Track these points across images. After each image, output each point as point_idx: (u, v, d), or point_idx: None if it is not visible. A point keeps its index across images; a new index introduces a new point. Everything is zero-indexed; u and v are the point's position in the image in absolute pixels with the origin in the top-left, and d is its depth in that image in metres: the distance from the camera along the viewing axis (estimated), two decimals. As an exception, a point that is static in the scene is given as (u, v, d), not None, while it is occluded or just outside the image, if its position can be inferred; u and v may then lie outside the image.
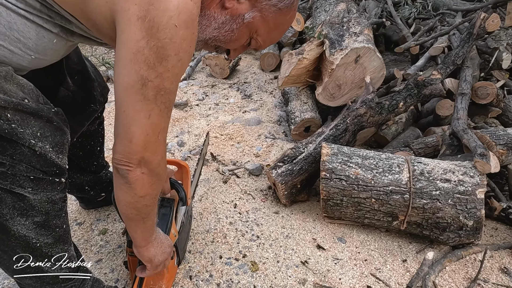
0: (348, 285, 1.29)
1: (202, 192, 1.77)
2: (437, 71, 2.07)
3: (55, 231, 0.91)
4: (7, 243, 0.86)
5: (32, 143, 0.78)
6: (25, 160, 0.78)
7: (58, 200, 0.88)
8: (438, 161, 1.47)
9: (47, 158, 0.81)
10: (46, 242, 0.90)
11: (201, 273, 1.32)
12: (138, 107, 0.75)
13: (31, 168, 0.79)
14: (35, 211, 0.84)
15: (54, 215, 0.89)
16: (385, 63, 3.28)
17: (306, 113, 2.15)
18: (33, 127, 0.78)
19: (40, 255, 0.91)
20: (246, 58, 3.60)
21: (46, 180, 0.83)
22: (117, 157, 0.80)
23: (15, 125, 0.75)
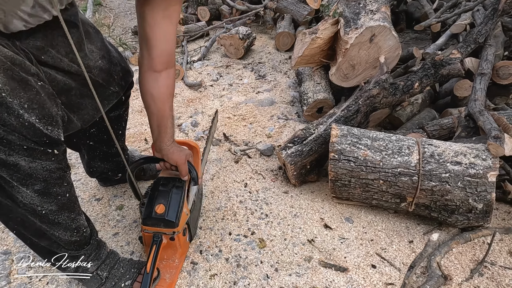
0: (353, 264, 1.32)
1: (214, 171, 1.82)
2: (457, 50, 1.99)
3: (57, 198, 0.97)
4: (18, 210, 0.95)
5: (20, 113, 0.82)
6: (16, 129, 0.82)
7: (55, 169, 0.93)
8: (450, 144, 1.44)
9: (35, 129, 0.85)
10: (50, 209, 0.97)
11: (211, 248, 1.38)
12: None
13: (22, 137, 0.84)
14: (33, 179, 0.90)
15: (54, 183, 0.95)
16: (405, 42, 3.19)
17: (319, 94, 2.14)
18: (21, 98, 0.82)
19: (49, 222, 0.99)
20: (261, 38, 3.56)
21: (39, 150, 0.88)
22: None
23: (5, 94, 0.80)
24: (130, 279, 1.17)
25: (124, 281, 1.17)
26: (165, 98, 1.14)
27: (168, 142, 1.20)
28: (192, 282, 1.25)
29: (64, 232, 1.04)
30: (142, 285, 1.10)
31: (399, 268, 1.31)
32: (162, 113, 1.15)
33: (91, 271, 1.14)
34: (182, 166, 1.22)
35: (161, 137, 1.19)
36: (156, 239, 1.18)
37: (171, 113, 1.19)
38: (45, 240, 1.05)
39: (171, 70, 1.13)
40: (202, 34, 3.62)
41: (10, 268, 1.28)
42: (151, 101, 1.13)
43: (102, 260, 1.17)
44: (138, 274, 1.20)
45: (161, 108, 1.14)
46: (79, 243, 1.09)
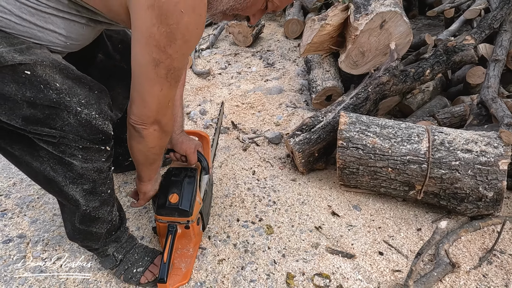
0: (360, 251, 1.33)
1: (222, 159, 1.83)
2: (471, 36, 1.94)
3: (100, 196, 1.01)
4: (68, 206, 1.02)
5: (78, 110, 0.84)
6: (72, 130, 0.84)
7: (105, 169, 0.97)
8: (461, 131, 1.42)
9: (92, 125, 0.87)
10: (94, 206, 1.02)
11: (219, 234, 1.40)
12: (152, 82, 0.85)
13: (78, 138, 0.86)
14: (83, 179, 0.94)
15: (101, 183, 0.99)
16: (418, 28, 3.12)
17: (328, 82, 2.12)
18: (79, 95, 0.84)
19: (89, 219, 1.04)
20: (270, 25, 3.52)
21: (93, 148, 0.91)
22: (133, 118, 0.91)
23: (63, 94, 0.82)
24: (142, 267, 1.20)
25: (136, 267, 1.19)
26: None
27: (177, 131, 1.21)
28: (201, 266, 1.27)
29: (100, 226, 1.08)
30: (160, 274, 1.12)
31: (406, 255, 1.31)
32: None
33: (109, 252, 1.18)
34: (191, 155, 1.23)
35: None
36: (171, 229, 1.20)
37: (181, 102, 1.20)
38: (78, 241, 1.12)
39: None
40: (210, 22, 3.60)
41: (25, 251, 1.33)
42: None
43: (121, 243, 1.20)
44: (151, 263, 1.22)
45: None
46: (110, 231, 1.14)
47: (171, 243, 1.17)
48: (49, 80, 0.80)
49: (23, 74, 0.77)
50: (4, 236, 1.38)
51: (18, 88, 0.77)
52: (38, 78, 0.78)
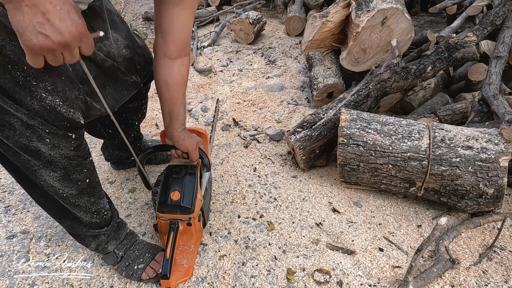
0: (360, 247, 1.34)
1: (224, 156, 1.84)
2: (473, 33, 1.93)
3: (77, 184, 1.00)
4: (42, 191, 1.00)
5: (43, 96, 0.82)
6: (38, 114, 0.83)
7: (74, 157, 0.95)
8: (462, 128, 1.42)
9: (57, 112, 0.85)
10: (71, 193, 1.00)
11: (220, 230, 1.41)
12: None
13: (44, 122, 0.85)
14: (53, 166, 0.93)
15: (73, 170, 0.97)
16: (420, 25, 3.11)
17: (329, 79, 2.12)
18: (46, 81, 0.82)
19: (70, 204, 1.04)
20: (271, 22, 3.52)
21: (60, 134, 0.89)
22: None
23: (29, 78, 0.80)
24: (143, 263, 1.20)
25: (137, 264, 1.20)
26: (179, 86, 1.15)
27: (179, 129, 1.22)
28: (202, 262, 1.28)
29: (84, 214, 1.08)
30: (163, 271, 1.13)
31: (406, 251, 1.31)
32: (175, 101, 1.16)
33: (110, 250, 1.19)
34: (192, 152, 1.23)
35: (173, 124, 1.20)
36: (173, 226, 1.20)
37: (183, 100, 1.20)
38: (67, 220, 1.10)
39: (185, 58, 1.13)
40: (212, 19, 3.60)
41: (28, 247, 1.34)
42: (165, 88, 1.14)
43: (120, 240, 1.21)
44: (152, 259, 1.22)
45: (174, 95, 1.15)
46: (99, 224, 1.13)
47: (173, 240, 1.18)
48: (17, 61, 0.78)
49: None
50: (7, 232, 1.40)
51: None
52: (6, 58, 0.77)
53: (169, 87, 1.13)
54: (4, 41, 0.76)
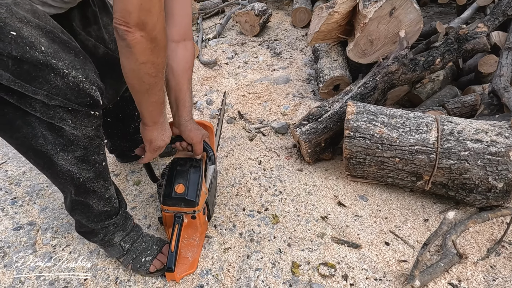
0: (366, 241, 1.33)
1: (229, 148, 1.83)
2: (483, 23, 1.89)
3: (94, 166, 1.00)
4: (57, 178, 0.98)
5: (65, 72, 0.82)
6: (60, 93, 0.83)
7: (94, 137, 0.96)
8: (471, 121, 1.39)
9: (80, 88, 0.86)
10: (88, 177, 1.00)
11: (225, 223, 1.41)
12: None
13: (66, 101, 0.85)
14: (74, 145, 0.93)
15: (93, 151, 0.97)
16: (429, 16, 3.06)
17: (336, 71, 2.09)
18: (65, 59, 0.83)
19: (84, 191, 1.03)
20: (277, 14, 3.48)
21: (82, 112, 0.89)
22: (116, 17, 0.80)
23: (49, 57, 0.80)
24: (151, 256, 1.20)
25: (145, 256, 1.20)
26: (184, 71, 1.13)
27: (186, 117, 1.19)
28: (207, 254, 1.28)
29: (97, 202, 1.07)
30: (168, 263, 1.13)
31: (413, 245, 1.30)
32: (180, 86, 1.13)
33: (116, 241, 1.18)
34: (197, 144, 1.22)
35: (180, 111, 1.18)
36: (177, 219, 1.20)
37: (189, 87, 1.17)
38: (76, 214, 1.10)
39: (189, 42, 1.11)
40: (217, 11, 3.57)
41: (35, 238, 1.35)
42: (170, 74, 1.12)
43: (127, 232, 1.20)
44: (159, 251, 1.22)
45: (180, 81, 1.13)
46: (109, 213, 1.12)
47: (178, 232, 1.18)
48: (35, 42, 0.79)
49: (9, 34, 0.75)
50: (14, 223, 1.41)
51: (4, 46, 0.75)
52: (24, 40, 0.77)
53: (174, 72, 1.11)
54: (22, 22, 0.77)
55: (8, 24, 0.75)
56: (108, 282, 1.19)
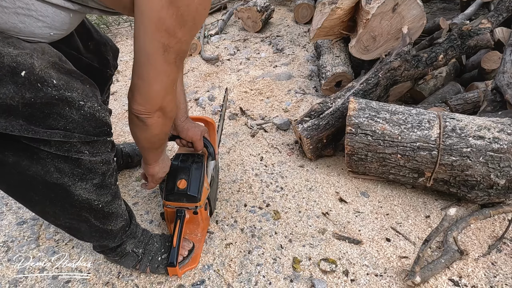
0: (367, 237, 1.33)
1: (230, 145, 1.84)
2: (487, 20, 1.88)
3: (111, 188, 0.98)
4: (72, 210, 0.93)
5: (81, 104, 0.79)
6: (77, 127, 0.80)
7: (111, 160, 0.95)
8: (474, 118, 1.39)
9: (97, 118, 0.83)
10: (106, 201, 0.97)
11: (227, 219, 1.42)
12: (160, 69, 0.82)
13: (84, 135, 0.82)
14: (92, 174, 0.89)
15: (109, 174, 0.95)
16: (432, 12, 3.03)
17: (338, 67, 2.08)
18: (77, 90, 0.79)
19: (103, 216, 1.00)
20: (279, 10, 3.47)
21: (100, 141, 0.87)
22: (138, 108, 0.86)
23: (62, 90, 0.76)
24: (166, 253, 1.19)
25: (160, 254, 1.19)
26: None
27: (182, 118, 1.20)
28: (209, 250, 1.29)
29: (115, 221, 1.04)
30: (170, 258, 1.14)
31: (414, 242, 1.30)
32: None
33: (128, 250, 1.15)
34: (197, 142, 1.22)
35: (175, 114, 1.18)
36: (179, 214, 1.20)
37: (182, 87, 1.17)
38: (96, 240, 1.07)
39: None
40: (219, 7, 3.56)
41: (38, 233, 1.36)
42: None
43: (138, 238, 1.18)
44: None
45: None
46: (124, 226, 1.10)
47: (180, 228, 1.18)
48: (46, 77, 0.74)
49: (21, 73, 0.70)
50: (18, 218, 1.42)
51: (17, 89, 0.70)
52: (35, 77, 0.72)
53: None
54: (32, 58, 0.72)
55: (20, 64, 0.70)
56: (111, 276, 1.20)
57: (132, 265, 1.18)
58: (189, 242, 1.23)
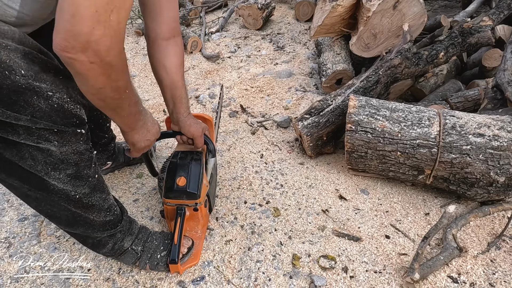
0: (366, 234, 1.33)
1: (231, 142, 1.84)
2: (488, 17, 1.87)
3: (88, 180, 0.96)
4: (51, 198, 0.93)
5: (49, 94, 0.79)
6: (44, 116, 0.79)
7: (84, 151, 0.92)
8: (474, 115, 1.39)
9: (65, 109, 0.82)
10: (84, 192, 0.96)
11: (227, 216, 1.42)
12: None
13: (51, 124, 0.81)
14: (65, 164, 0.89)
15: (84, 165, 0.93)
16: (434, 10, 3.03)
17: (338, 65, 2.08)
18: (46, 81, 0.79)
19: (83, 206, 0.99)
20: (280, 8, 3.46)
21: (69, 132, 0.86)
22: (57, 40, 0.66)
23: (31, 80, 0.76)
24: (165, 250, 1.19)
25: (159, 252, 1.19)
26: (178, 68, 1.12)
27: (185, 114, 1.19)
28: (209, 246, 1.30)
29: (98, 214, 1.03)
30: (171, 255, 1.14)
31: (413, 239, 1.31)
32: (176, 84, 1.13)
33: (127, 247, 1.15)
34: (198, 138, 1.22)
35: (177, 108, 1.18)
36: (179, 211, 1.21)
37: (184, 82, 1.17)
38: (79, 227, 1.05)
39: (178, 38, 1.10)
40: (220, 4, 3.55)
41: (39, 229, 1.37)
42: (164, 72, 1.11)
43: (135, 235, 1.18)
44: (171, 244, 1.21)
45: (175, 78, 1.12)
46: (113, 222, 1.09)
47: (180, 225, 1.19)
48: (14, 66, 0.73)
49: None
50: (19, 215, 1.43)
51: None
52: (2, 64, 0.72)
53: (168, 70, 1.10)
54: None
55: None
56: (111, 272, 1.21)
57: (132, 262, 1.19)
58: (188, 239, 1.24)
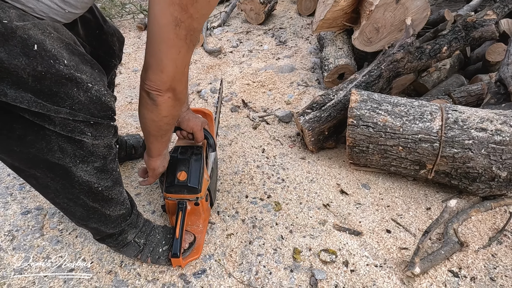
0: (367, 228, 1.33)
1: (232, 137, 1.84)
2: (493, 11, 1.85)
3: (112, 174, 0.99)
4: (72, 190, 0.94)
5: (89, 86, 0.82)
6: (83, 108, 0.82)
7: (113, 146, 0.96)
8: (476, 110, 1.38)
9: (102, 102, 0.85)
10: (106, 186, 0.98)
11: (228, 210, 1.43)
12: (170, 43, 0.82)
13: (89, 116, 0.84)
14: (94, 157, 0.91)
15: (111, 159, 0.96)
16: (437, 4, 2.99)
17: (341, 59, 2.07)
18: (86, 72, 0.82)
19: (102, 199, 1.01)
20: (283, 2, 3.44)
21: (103, 124, 0.89)
22: (149, 84, 0.87)
23: (73, 70, 0.78)
24: (167, 244, 1.20)
25: (161, 246, 1.20)
26: None
27: (184, 109, 1.20)
28: (210, 240, 1.30)
29: (114, 208, 1.05)
30: (173, 250, 1.15)
31: (414, 233, 1.31)
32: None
33: (130, 239, 1.17)
34: (198, 133, 1.23)
35: None
36: (181, 206, 1.21)
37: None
38: (93, 223, 1.06)
39: None
40: (222, -1, 3.53)
41: (42, 222, 1.38)
42: None
43: (139, 228, 1.19)
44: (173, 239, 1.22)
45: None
46: (124, 215, 1.11)
47: (182, 219, 1.19)
48: (58, 56, 0.76)
49: (33, 47, 0.72)
50: (22, 208, 1.45)
51: (29, 62, 0.71)
52: (47, 53, 0.74)
53: None
54: (44, 34, 0.74)
55: (31, 37, 0.72)
56: (114, 265, 1.22)
57: (134, 255, 1.20)
58: (190, 235, 1.25)
